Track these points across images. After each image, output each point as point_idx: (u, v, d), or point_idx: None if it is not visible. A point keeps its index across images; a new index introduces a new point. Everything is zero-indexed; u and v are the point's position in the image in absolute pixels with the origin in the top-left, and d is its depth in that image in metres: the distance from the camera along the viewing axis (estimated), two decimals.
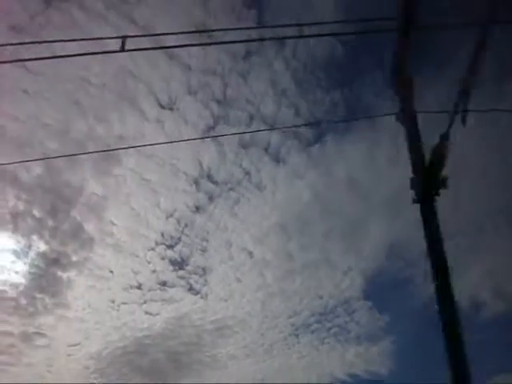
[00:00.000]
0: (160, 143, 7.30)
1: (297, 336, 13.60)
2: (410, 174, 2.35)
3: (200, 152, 8.52)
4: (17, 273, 11.12)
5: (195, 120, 7.97)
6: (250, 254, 11.61)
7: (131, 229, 10.68)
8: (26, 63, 6.69)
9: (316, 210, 9.84)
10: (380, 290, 12.03)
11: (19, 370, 13.57)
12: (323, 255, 11.72)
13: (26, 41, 3.09)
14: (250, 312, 13.38)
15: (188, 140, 8.54)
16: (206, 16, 6.49)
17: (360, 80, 7.73)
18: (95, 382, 15.00)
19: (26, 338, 13.04)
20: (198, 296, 13.04)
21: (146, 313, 13.36)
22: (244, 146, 8.35)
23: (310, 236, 10.84)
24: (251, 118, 7.98)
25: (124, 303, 12.95)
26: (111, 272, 11.96)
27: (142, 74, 7.06)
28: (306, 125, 7.86)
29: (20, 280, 11.29)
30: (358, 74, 7.59)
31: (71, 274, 11.67)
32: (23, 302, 12.00)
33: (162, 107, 7.72)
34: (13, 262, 10.76)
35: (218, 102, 7.74)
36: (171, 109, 7.77)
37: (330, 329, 12.94)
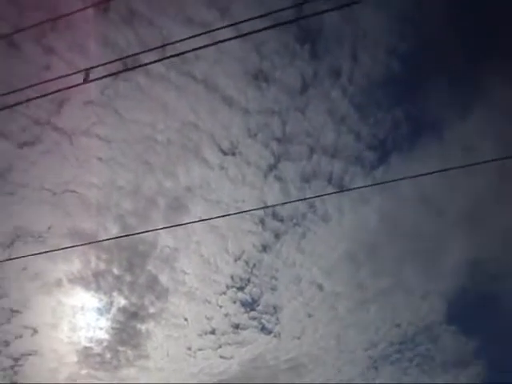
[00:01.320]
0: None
1: (376, 369, 12.11)
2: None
3: (263, 191, 8.09)
4: (101, 329, 11.08)
5: (257, 161, 7.69)
6: (320, 287, 10.69)
7: (202, 276, 10.34)
8: (99, 132, 6.87)
9: (385, 234, 8.89)
10: (464, 311, 10.44)
11: None
12: (397, 281, 10.46)
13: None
14: (325, 347, 12.17)
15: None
16: (261, 61, 6.27)
17: (421, 93, 7.05)
18: None
19: None
20: (271, 335, 12.18)
21: (221, 357, 12.67)
22: (306, 179, 7.84)
23: (381, 262, 9.76)
24: (312, 150, 7.48)
25: (200, 349, 12.42)
26: (186, 320, 11.59)
27: (204, 125, 6.91)
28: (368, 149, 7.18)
29: (104, 336, 11.23)
30: (418, 88, 6.93)
31: (149, 325, 11.43)
32: (108, 356, 11.88)
33: (225, 153, 7.52)
34: (97, 320, 10.77)
35: (278, 140, 7.48)
36: (233, 154, 7.58)
37: (411, 358, 11.40)
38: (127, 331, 11.74)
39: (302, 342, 12.27)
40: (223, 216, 8.51)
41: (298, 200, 8.18)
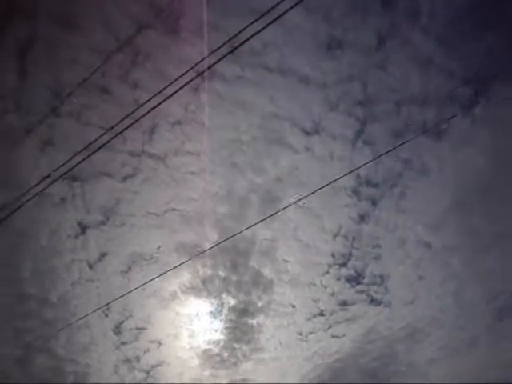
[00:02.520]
0: None
1: (501, 321, 12.03)
2: None
3: (353, 161, 8.39)
4: (216, 331, 12.39)
5: (342, 132, 7.95)
6: (428, 245, 10.84)
7: (303, 260, 11.03)
8: (188, 148, 7.65)
9: (495, 173, 8.72)
10: None
11: None
12: None
13: None
14: (442, 308, 12.40)
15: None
16: (331, 28, 6.49)
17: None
18: None
19: None
20: (381, 306, 12.67)
21: (333, 336, 13.51)
22: (397, 135, 7.92)
23: (494, 204, 9.59)
24: (398, 104, 7.58)
25: (311, 333, 13.34)
26: (293, 307, 12.47)
27: (284, 112, 7.35)
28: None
29: (220, 336, 12.57)
30: (508, 10, 6.64)
31: (259, 318, 12.52)
32: (226, 354, 13.30)
33: (308, 134, 7.90)
34: (211, 323, 12.07)
35: (361, 104, 7.63)
36: (317, 132, 7.91)
37: None
38: (240, 328, 13.04)
39: (415, 307, 12.63)
40: (312, 193, 8.97)
41: (386, 153, 8.29)
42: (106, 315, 10.40)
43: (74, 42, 5.71)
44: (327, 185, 8.56)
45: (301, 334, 13.66)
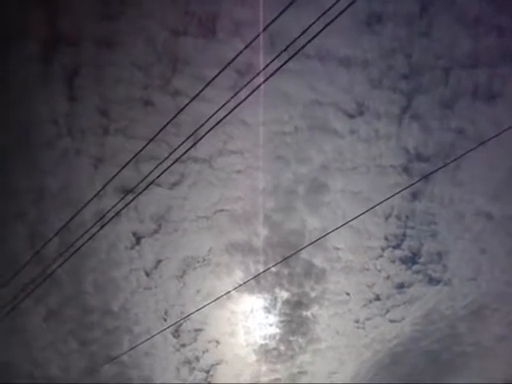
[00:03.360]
0: None
1: None
2: None
3: (401, 138, 8.46)
4: (271, 325, 12.91)
5: (387, 109, 8.04)
6: (489, 215, 10.75)
7: (355, 246, 11.25)
8: (232, 148, 8.01)
9: None
10: None
11: None
12: None
13: None
14: (509, 281, 12.24)
15: None
16: (369, 3, 6.55)
17: None
18: None
19: (293, 379, 14.88)
20: (441, 285, 12.73)
21: (391, 321, 13.69)
22: (447, 104, 7.91)
23: None
24: (447, 71, 7.54)
25: (367, 319, 13.60)
26: (348, 294, 12.75)
27: (326, 98, 7.53)
28: None
29: (275, 330, 13.08)
30: None
31: (314, 309, 12.91)
32: (282, 348, 13.84)
33: (352, 116, 8.04)
34: (266, 317, 12.57)
35: (405, 77, 7.64)
36: (361, 113, 8.02)
37: None
38: (295, 321, 13.51)
39: (478, 283, 12.58)
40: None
41: None
42: (165, 319, 11.12)
43: (116, 60, 6.13)
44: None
45: (357, 321, 13.95)
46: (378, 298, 13.13)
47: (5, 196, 8.04)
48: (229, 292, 11.22)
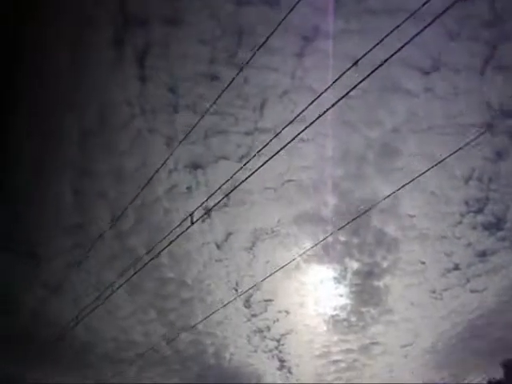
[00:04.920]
0: None
1: None
2: None
3: (483, 92, 8.12)
4: (341, 296, 13.36)
5: (467, 61, 7.73)
6: None
7: (431, 212, 11.16)
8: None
9: None
10: None
11: (366, 382, 16.05)
12: None
13: None
14: None
15: None
16: None
17: None
18: (435, 376, 16.04)
19: (365, 350, 15.42)
20: None
21: (472, 291, 13.48)
22: None
23: None
24: None
25: (445, 290, 13.55)
26: (423, 263, 12.75)
27: (397, 55, 7.38)
28: None
29: (346, 301, 13.54)
30: None
31: (386, 280, 13.12)
32: (353, 319, 14.33)
33: (427, 73, 7.85)
34: (336, 288, 13.05)
35: (488, 23, 7.30)
36: (437, 69, 7.80)
37: None
38: (366, 291, 13.84)
39: None
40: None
41: None
42: (236, 290, 12.04)
43: (183, 37, 6.57)
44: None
45: (434, 291, 13.92)
46: (457, 268, 12.97)
47: (86, 177, 9.11)
48: (294, 260, 11.80)
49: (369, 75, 5.15)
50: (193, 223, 6.86)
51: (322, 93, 5.65)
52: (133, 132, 7.72)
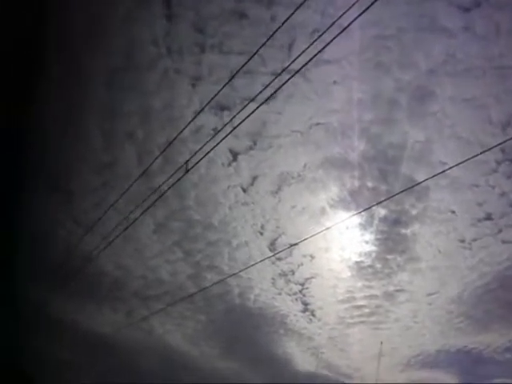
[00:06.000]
0: None
1: None
2: None
3: None
4: (367, 242, 14.09)
5: None
6: None
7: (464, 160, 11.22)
8: (328, 57, 8.45)
9: None
10: None
11: (389, 326, 17.13)
12: None
13: None
14: None
15: None
16: None
17: None
18: (461, 325, 16.86)
19: (389, 296, 16.36)
20: None
21: (504, 242, 13.89)
22: None
23: None
24: None
25: (475, 239, 13.94)
26: (453, 212, 13.11)
27: None
28: None
29: (371, 248, 14.27)
30: None
31: (414, 227, 13.65)
32: (378, 265, 15.11)
33: (467, 9, 7.78)
34: (362, 235, 13.74)
35: None
36: (478, 5, 7.70)
37: None
38: (392, 239, 14.45)
39: None
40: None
41: None
42: (261, 233, 12.90)
43: None
44: None
45: (463, 241, 14.31)
46: (489, 217, 13.21)
47: (113, 117, 9.76)
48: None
49: None
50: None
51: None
52: (159, 72, 8.18)
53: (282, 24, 6.70)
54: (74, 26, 7.90)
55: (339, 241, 14.01)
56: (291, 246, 13.02)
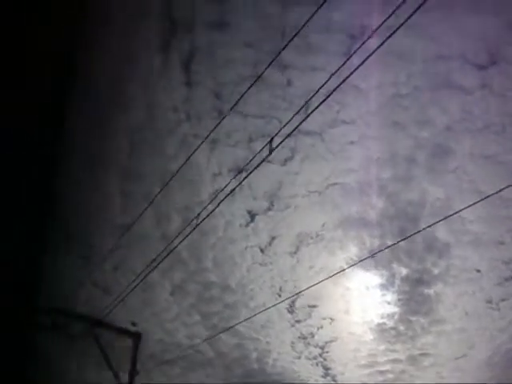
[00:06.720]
0: None
1: None
2: None
3: None
4: (389, 303, 12.75)
5: None
6: None
7: (488, 216, 10.46)
8: (344, 117, 7.99)
9: None
10: None
11: None
12: None
13: None
14: None
15: None
16: None
17: None
18: None
19: (414, 361, 14.61)
20: None
21: None
22: None
23: None
24: None
25: (503, 300, 12.60)
26: (478, 271, 11.93)
27: (451, 50, 6.97)
28: None
29: (393, 309, 12.90)
30: None
31: (437, 287, 12.38)
32: (401, 328, 13.60)
33: (483, 68, 7.31)
34: (383, 295, 12.46)
35: None
36: (494, 63, 7.24)
37: None
38: (415, 299, 13.14)
39: None
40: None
41: None
42: (279, 295, 11.81)
43: (228, 41, 6.53)
44: None
45: (490, 301, 13.01)
46: None
47: (133, 179, 9.31)
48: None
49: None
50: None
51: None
52: (178, 137, 7.81)
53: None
54: (98, 92, 7.70)
55: (360, 302, 12.83)
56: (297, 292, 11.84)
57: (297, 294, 11.20)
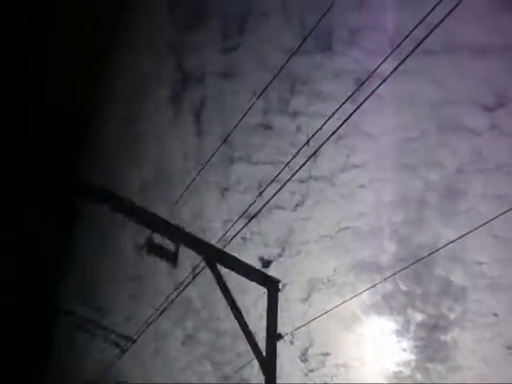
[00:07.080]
0: None
1: None
2: None
3: None
4: (405, 350, 11.85)
5: None
6: None
7: (504, 258, 9.79)
8: (355, 162, 7.74)
9: None
10: None
11: None
12: None
13: None
14: None
15: None
16: None
17: None
18: None
19: None
20: None
21: None
22: None
23: None
24: None
25: None
26: (496, 315, 11.12)
27: (458, 94, 6.81)
28: None
29: (409, 356, 11.96)
30: None
31: (454, 333, 11.55)
32: (418, 376, 12.55)
33: (492, 110, 7.13)
34: (398, 342, 11.60)
35: None
36: (502, 104, 7.07)
37: None
38: (432, 346, 12.24)
39: None
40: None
41: None
42: (292, 343, 11.00)
43: (235, 89, 6.47)
44: None
45: (509, 347, 12.17)
46: None
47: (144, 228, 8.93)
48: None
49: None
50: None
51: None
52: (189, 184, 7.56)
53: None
54: (110, 141, 7.57)
55: (374, 349, 11.96)
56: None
57: (295, 329, 10.45)
